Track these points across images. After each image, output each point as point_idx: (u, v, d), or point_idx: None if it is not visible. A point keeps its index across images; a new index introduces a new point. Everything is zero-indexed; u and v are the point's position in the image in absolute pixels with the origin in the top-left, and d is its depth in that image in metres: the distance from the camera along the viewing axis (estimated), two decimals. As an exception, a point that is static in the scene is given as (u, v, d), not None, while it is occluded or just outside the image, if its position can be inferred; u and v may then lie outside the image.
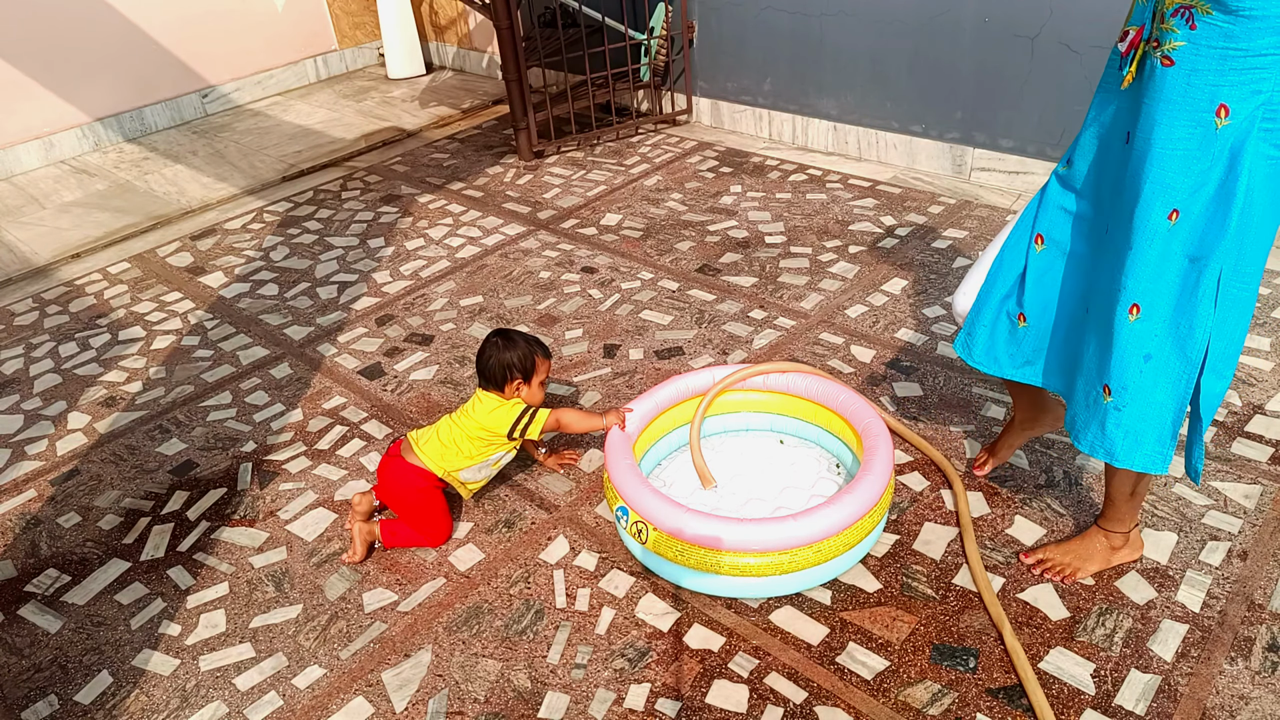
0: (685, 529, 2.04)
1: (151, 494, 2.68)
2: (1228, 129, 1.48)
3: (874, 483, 2.09)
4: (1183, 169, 1.54)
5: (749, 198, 4.13)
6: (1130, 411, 1.75)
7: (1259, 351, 2.81)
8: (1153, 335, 1.68)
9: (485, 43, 6.16)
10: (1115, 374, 1.73)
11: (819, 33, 4.34)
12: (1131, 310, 1.67)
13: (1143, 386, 1.72)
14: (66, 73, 5.35)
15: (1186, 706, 1.83)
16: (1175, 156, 1.54)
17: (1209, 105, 1.49)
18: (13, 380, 3.31)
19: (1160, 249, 1.61)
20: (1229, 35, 1.42)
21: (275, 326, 3.49)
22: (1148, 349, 1.69)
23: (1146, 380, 1.71)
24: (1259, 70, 1.43)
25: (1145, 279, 1.64)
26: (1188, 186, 1.55)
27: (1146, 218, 1.61)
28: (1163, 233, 1.60)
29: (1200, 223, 1.58)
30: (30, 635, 2.25)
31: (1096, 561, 2.10)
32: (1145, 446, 1.77)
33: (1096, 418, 1.80)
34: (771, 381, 2.53)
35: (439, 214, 4.30)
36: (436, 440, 2.35)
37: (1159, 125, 1.54)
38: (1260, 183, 1.53)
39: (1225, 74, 1.45)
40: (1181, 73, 1.49)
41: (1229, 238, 1.55)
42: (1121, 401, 1.74)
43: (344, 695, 2.01)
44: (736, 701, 1.92)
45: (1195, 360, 1.67)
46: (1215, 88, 1.47)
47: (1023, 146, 3.89)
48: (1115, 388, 1.74)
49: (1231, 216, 1.54)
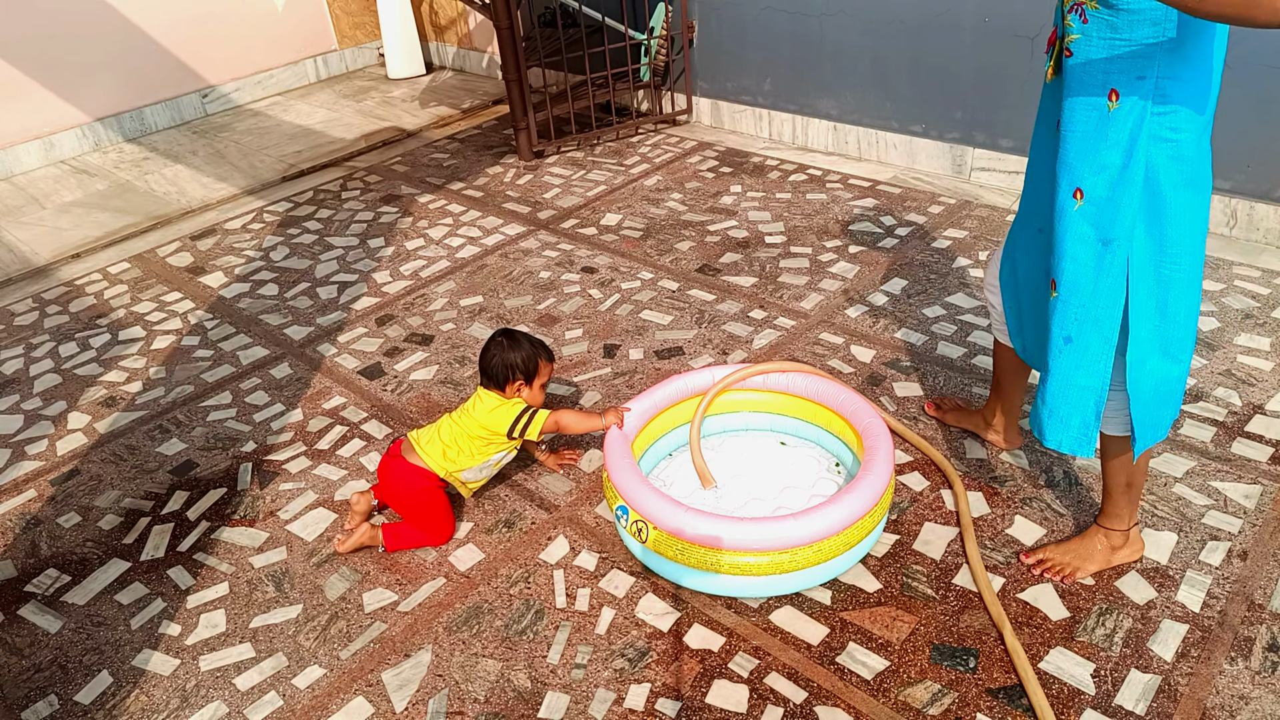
0: (685, 528, 2.04)
1: (151, 494, 2.68)
2: (1119, 112, 1.62)
3: (874, 482, 2.09)
4: (1083, 149, 1.68)
5: (749, 198, 4.13)
6: (1054, 392, 1.85)
7: (1259, 352, 2.81)
8: (1072, 317, 1.79)
9: (485, 43, 6.16)
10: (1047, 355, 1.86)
11: (819, 33, 4.34)
12: (1051, 287, 1.80)
13: (1064, 368, 1.82)
14: (66, 73, 5.35)
15: (1186, 706, 1.83)
16: (1076, 137, 1.68)
17: (1101, 90, 1.62)
18: (13, 380, 3.31)
19: (1072, 229, 1.73)
20: (1114, 27, 1.57)
21: (275, 326, 3.49)
22: (1067, 331, 1.80)
23: (1068, 362, 1.82)
24: (1142, 58, 1.57)
25: (1062, 259, 1.76)
26: (1090, 167, 1.67)
27: (1059, 198, 1.74)
28: (1071, 212, 1.72)
29: (1107, 205, 1.68)
30: (30, 635, 2.25)
31: (1096, 561, 2.11)
32: (1071, 429, 1.86)
33: (1037, 396, 1.93)
34: (771, 381, 2.53)
35: (439, 214, 4.30)
36: (437, 440, 2.35)
37: (1066, 111, 1.69)
38: (1162, 165, 1.63)
39: (1113, 61, 1.59)
40: (1079, 62, 1.64)
41: (1130, 218, 1.67)
42: (1047, 382, 1.86)
43: (344, 695, 2.01)
44: (736, 701, 1.92)
45: (1112, 342, 1.76)
46: (1106, 74, 1.61)
47: (1023, 146, 3.89)
48: (1046, 369, 1.88)
49: (1131, 197, 1.66)
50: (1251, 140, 3.30)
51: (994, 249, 2.75)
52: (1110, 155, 1.64)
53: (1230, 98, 3.29)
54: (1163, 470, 2.40)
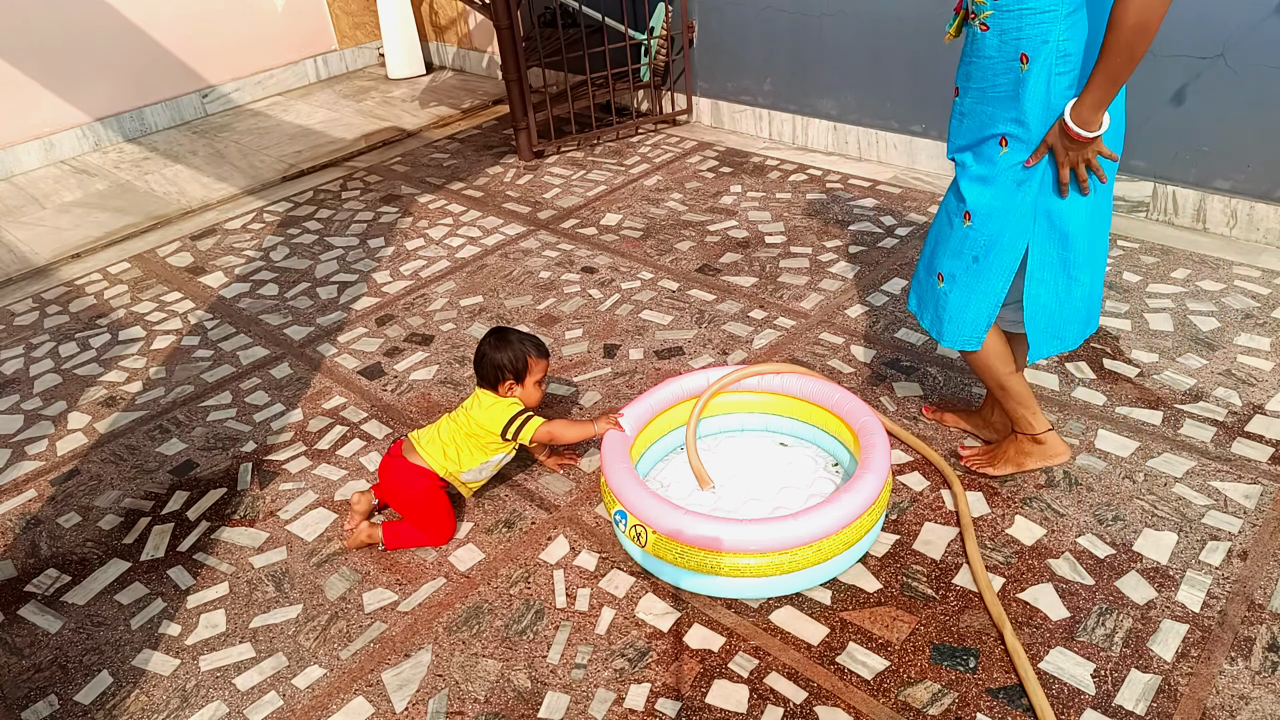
0: (684, 530, 2.04)
1: (151, 494, 2.68)
2: (1029, 73, 1.87)
3: (872, 481, 2.09)
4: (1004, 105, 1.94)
5: (749, 198, 4.13)
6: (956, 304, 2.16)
7: (1259, 351, 2.81)
8: (982, 243, 2.06)
9: (485, 43, 6.16)
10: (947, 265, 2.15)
11: (819, 33, 4.34)
12: (965, 217, 2.07)
13: (967, 284, 2.12)
14: (66, 73, 5.35)
15: (1186, 706, 1.83)
16: (998, 96, 1.94)
17: (1015, 55, 1.88)
18: (13, 380, 3.31)
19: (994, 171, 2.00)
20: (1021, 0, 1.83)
21: (275, 326, 3.49)
22: (975, 252, 2.08)
23: (971, 280, 2.12)
24: (1045, 23, 1.82)
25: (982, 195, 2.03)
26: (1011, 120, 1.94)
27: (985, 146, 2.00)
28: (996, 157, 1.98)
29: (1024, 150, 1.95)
30: (30, 635, 2.25)
31: (1009, 462, 2.40)
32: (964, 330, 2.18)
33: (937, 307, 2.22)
34: (767, 382, 2.53)
35: (439, 214, 4.30)
36: (437, 439, 2.35)
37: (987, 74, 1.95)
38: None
39: (1023, 29, 1.85)
40: (994, 34, 1.90)
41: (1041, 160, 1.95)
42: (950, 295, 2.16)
43: (344, 695, 2.01)
44: (736, 701, 1.92)
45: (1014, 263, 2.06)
46: (1018, 41, 1.86)
47: (1023, 146, 3.89)
48: (946, 275, 2.16)
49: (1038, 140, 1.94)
50: (1251, 140, 3.30)
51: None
52: (1030, 109, 1.90)
53: (1230, 98, 3.29)
54: (1163, 470, 2.40)
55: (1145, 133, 3.53)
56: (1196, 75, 3.33)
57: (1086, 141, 1.87)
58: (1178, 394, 2.66)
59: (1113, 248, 3.45)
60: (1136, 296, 3.14)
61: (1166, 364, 2.79)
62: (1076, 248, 2.03)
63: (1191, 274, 3.25)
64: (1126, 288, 3.20)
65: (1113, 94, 1.81)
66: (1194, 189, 3.50)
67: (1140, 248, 3.44)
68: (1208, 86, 3.32)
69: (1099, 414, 2.62)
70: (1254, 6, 3.13)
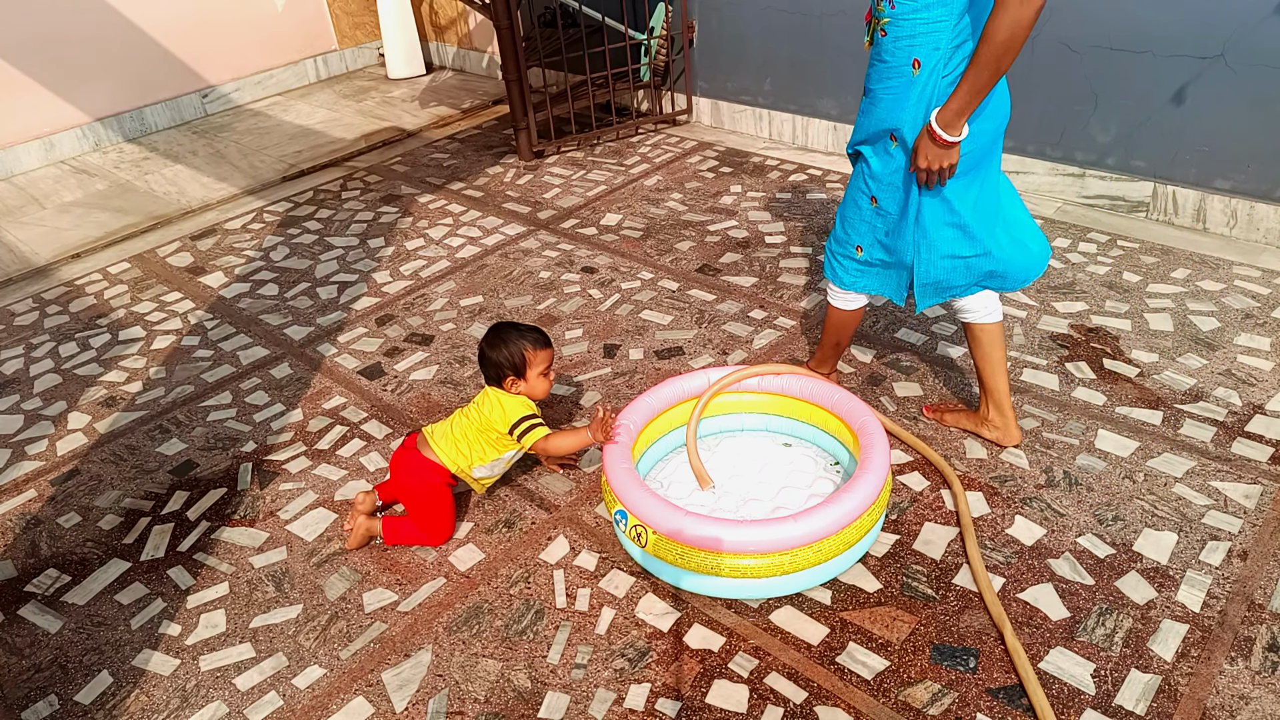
0: (684, 531, 2.04)
1: (151, 494, 2.68)
2: (920, 77, 2.04)
3: (872, 480, 2.09)
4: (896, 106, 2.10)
5: (749, 198, 4.13)
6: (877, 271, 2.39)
7: (1259, 352, 2.81)
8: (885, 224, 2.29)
9: (485, 43, 6.16)
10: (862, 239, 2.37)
11: (819, 32, 4.34)
12: (872, 200, 2.28)
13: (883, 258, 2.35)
14: (66, 73, 5.35)
15: (1187, 706, 1.83)
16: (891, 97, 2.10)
17: (909, 59, 2.04)
18: (13, 380, 3.31)
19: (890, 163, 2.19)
20: (915, 9, 1.99)
21: (275, 326, 3.49)
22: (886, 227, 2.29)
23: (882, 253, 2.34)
24: (937, 32, 1.99)
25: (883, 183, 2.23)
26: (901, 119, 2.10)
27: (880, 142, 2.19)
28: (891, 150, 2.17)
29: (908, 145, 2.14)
30: (30, 635, 2.25)
31: (966, 421, 2.58)
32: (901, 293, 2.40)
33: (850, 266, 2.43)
34: (767, 383, 2.53)
35: (439, 214, 4.30)
36: (450, 435, 2.35)
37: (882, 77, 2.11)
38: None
39: (917, 37, 2.01)
40: (891, 39, 2.05)
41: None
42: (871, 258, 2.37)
43: (344, 695, 2.01)
44: (737, 701, 1.92)
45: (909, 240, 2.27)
46: (911, 48, 2.03)
47: (1023, 146, 3.89)
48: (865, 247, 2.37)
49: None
50: (1251, 140, 3.30)
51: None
52: (916, 110, 2.07)
53: (1231, 98, 3.29)
54: (1163, 470, 2.40)
55: (1145, 133, 3.54)
56: (1197, 75, 3.33)
57: (946, 145, 2.02)
58: (1178, 394, 2.66)
59: (1112, 247, 3.45)
60: (1136, 296, 3.14)
61: (1167, 364, 2.79)
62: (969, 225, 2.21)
63: (1191, 274, 3.25)
64: (1127, 288, 3.20)
65: (975, 103, 1.96)
66: (1194, 189, 3.50)
67: (1140, 248, 3.44)
68: (1208, 86, 3.32)
69: (1099, 414, 2.62)
70: (1254, 6, 3.13)
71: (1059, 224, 3.65)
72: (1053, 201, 3.83)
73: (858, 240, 2.38)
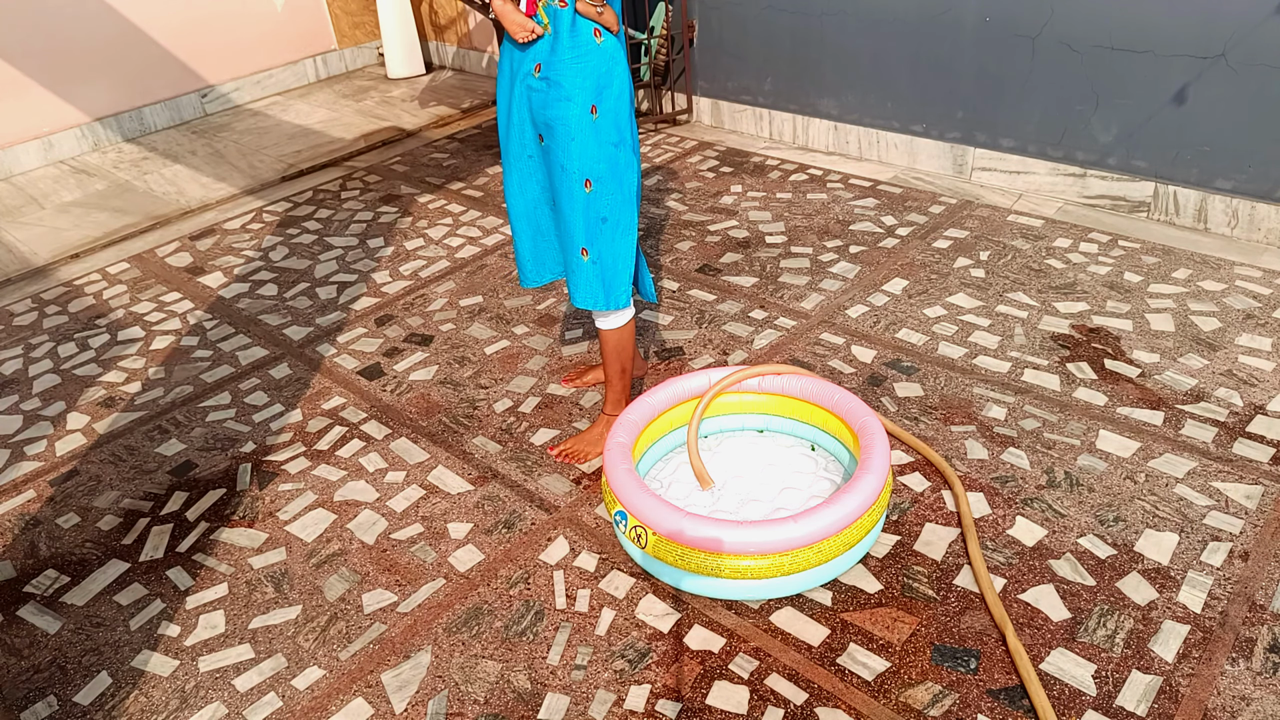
0: (684, 532, 2.03)
1: (151, 494, 2.68)
2: (604, 46, 2.19)
3: (872, 481, 2.09)
4: (586, 84, 2.20)
5: (749, 197, 4.13)
6: (608, 265, 2.36)
7: (1260, 352, 2.81)
8: (607, 202, 2.30)
9: (485, 42, 6.16)
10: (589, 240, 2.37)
11: (819, 32, 4.33)
12: (586, 185, 2.28)
13: (608, 242, 2.35)
14: (66, 73, 5.35)
15: (1188, 707, 1.82)
16: (584, 73, 2.20)
17: (589, 31, 2.18)
18: (12, 381, 3.31)
19: (596, 135, 2.24)
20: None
21: (274, 327, 3.49)
22: (604, 214, 2.31)
23: (610, 236, 2.34)
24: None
25: (598, 160, 2.26)
26: (595, 93, 2.20)
27: (577, 118, 2.23)
28: (594, 122, 2.22)
29: (612, 115, 2.25)
30: (29, 636, 2.24)
31: (599, 441, 2.57)
32: (623, 287, 2.38)
33: (590, 277, 2.38)
34: (766, 383, 2.52)
35: (439, 214, 4.29)
36: None
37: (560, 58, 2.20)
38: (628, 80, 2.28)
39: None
40: (569, 12, 2.15)
41: (630, 119, 2.32)
42: (596, 262, 2.36)
43: (343, 696, 2.01)
44: (737, 703, 1.91)
45: (637, 216, 2.37)
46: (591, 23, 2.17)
47: (1024, 146, 3.89)
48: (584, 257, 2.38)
49: (623, 105, 2.29)
50: (1253, 140, 3.30)
51: (991, 247, 2.74)
52: (594, 80, 2.19)
53: (1232, 98, 3.29)
54: (1164, 471, 2.40)
55: (1146, 133, 3.53)
56: (1198, 75, 3.33)
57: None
58: (1179, 394, 2.66)
59: (1114, 248, 3.45)
60: (1138, 297, 3.14)
61: (1168, 364, 2.79)
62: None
63: (1193, 274, 3.24)
64: (1128, 288, 3.20)
65: None
66: (1195, 189, 3.50)
67: (1141, 248, 3.44)
68: (1209, 86, 3.32)
69: (1100, 414, 2.61)
70: (1254, 6, 3.12)
71: (1060, 224, 3.65)
72: (1054, 201, 3.83)
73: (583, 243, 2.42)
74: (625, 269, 2.37)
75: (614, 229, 2.33)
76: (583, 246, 2.32)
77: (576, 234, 2.31)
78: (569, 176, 2.25)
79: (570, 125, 2.20)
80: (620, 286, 2.38)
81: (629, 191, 2.33)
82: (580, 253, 2.32)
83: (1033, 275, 3.31)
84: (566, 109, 2.19)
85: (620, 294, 2.38)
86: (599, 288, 2.36)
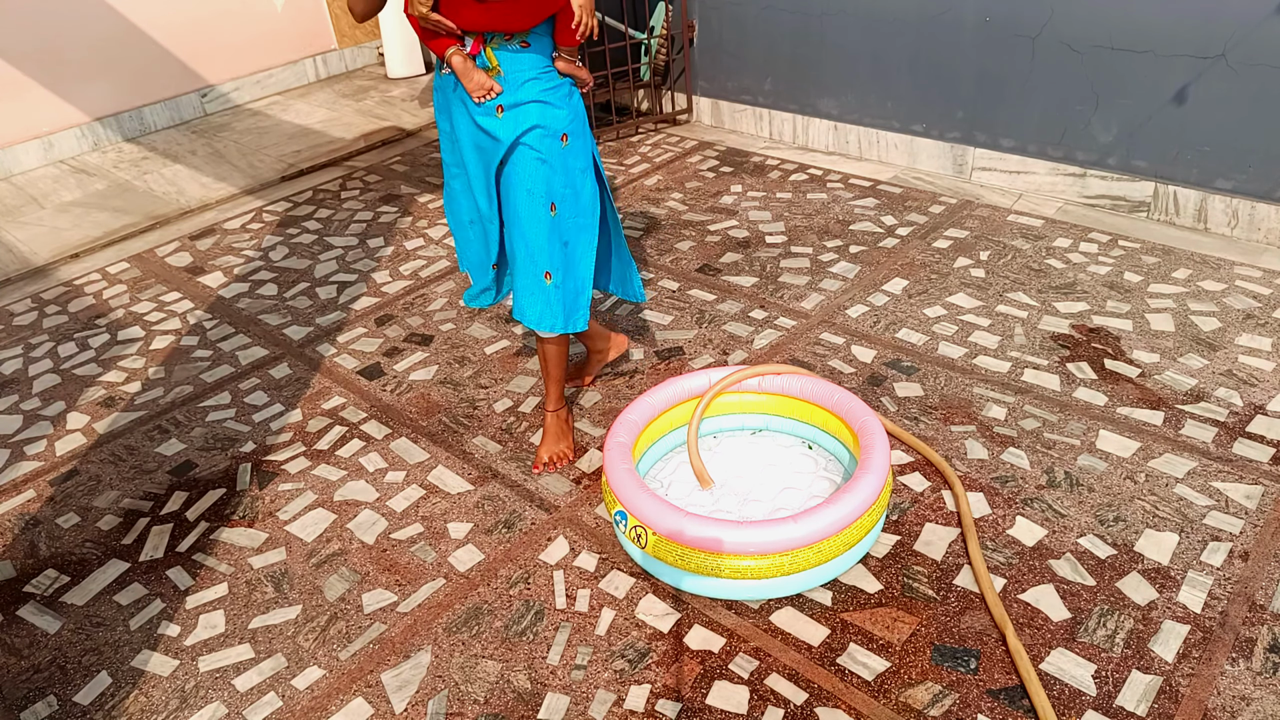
0: (684, 532, 2.03)
1: (150, 494, 2.68)
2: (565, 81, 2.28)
3: (872, 481, 2.09)
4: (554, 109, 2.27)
5: (749, 197, 4.13)
6: (570, 289, 2.38)
7: (1260, 352, 2.81)
8: (570, 226, 2.33)
9: (485, 42, 6.15)
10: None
11: (819, 32, 4.33)
12: (551, 209, 2.30)
13: (574, 264, 2.38)
14: (66, 72, 5.35)
15: (1188, 707, 1.82)
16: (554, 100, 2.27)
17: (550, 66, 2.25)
18: (12, 380, 3.31)
19: (566, 163, 2.29)
20: None
21: (274, 326, 3.49)
22: (566, 238, 2.34)
23: (575, 257, 2.38)
24: None
25: (565, 186, 2.30)
26: (566, 120, 2.27)
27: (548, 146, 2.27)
28: (563, 150, 2.28)
29: (580, 140, 2.32)
30: (29, 636, 2.24)
31: (567, 435, 2.63)
32: (584, 311, 2.40)
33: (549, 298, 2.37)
34: (767, 383, 2.52)
35: (439, 214, 4.29)
36: None
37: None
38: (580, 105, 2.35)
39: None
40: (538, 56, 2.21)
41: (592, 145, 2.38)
42: (563, 285, 2.38)
43: (343, 696, 2.01)
44: (737, 703, 1.91)
45: (595, 240, 2.40)
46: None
47: (1024, 146, 3.89)
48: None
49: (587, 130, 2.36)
50: (1253, 140, 3.30)
51: (991, 247, 2.74)
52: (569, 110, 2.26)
53: (1231, 98, 3.29)
54: (1164, 471, 2.40)
55: (1146, 133, 3.53)
56: (1198, 75, 3.32)
57: None
58: (1179, 394, 2.66)
59: (1114, 248, 3.45)
60: (1138, 297, 3.14)
61: (1168, 364, 2.79)
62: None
63: (1193, 274, 3.24)
64: (1128, 288, 3.20)
65: None
66: (1195, 189, 3.50)
67: (1141, 248, 3.44)
68: (1209, 86, 3.32)
69: (1100, 414, 2.61)
70: (1254, 6, 3.12)
71: (1060, 224, 3.65)
72: (1054, 201, 3.83)
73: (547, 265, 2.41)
74: (586, 292, 2.40)
75: (574, 252, 2.35)
76: (546, 270, 2.31)
77: (539, 257, 2.30)
78: (534, 199, 2.25)
79: (542, 151, 2.23)
80: (581, 310, 2.39)
81: (592, 216, 2.36)
82: (544, 276, 2.32)
83: (1033, 275, 3.31)
84: (539, 137, 2.22)
85: (580, 318, 2.39)
86: (559, 311, 2.36)
